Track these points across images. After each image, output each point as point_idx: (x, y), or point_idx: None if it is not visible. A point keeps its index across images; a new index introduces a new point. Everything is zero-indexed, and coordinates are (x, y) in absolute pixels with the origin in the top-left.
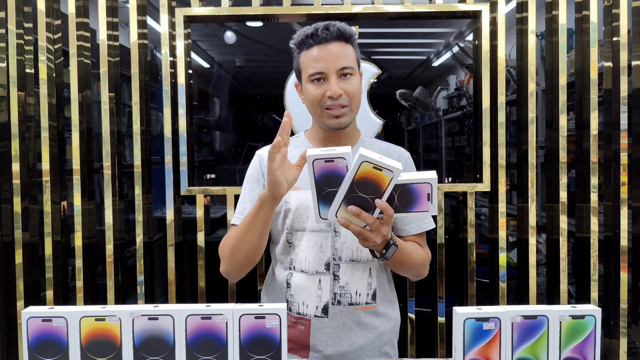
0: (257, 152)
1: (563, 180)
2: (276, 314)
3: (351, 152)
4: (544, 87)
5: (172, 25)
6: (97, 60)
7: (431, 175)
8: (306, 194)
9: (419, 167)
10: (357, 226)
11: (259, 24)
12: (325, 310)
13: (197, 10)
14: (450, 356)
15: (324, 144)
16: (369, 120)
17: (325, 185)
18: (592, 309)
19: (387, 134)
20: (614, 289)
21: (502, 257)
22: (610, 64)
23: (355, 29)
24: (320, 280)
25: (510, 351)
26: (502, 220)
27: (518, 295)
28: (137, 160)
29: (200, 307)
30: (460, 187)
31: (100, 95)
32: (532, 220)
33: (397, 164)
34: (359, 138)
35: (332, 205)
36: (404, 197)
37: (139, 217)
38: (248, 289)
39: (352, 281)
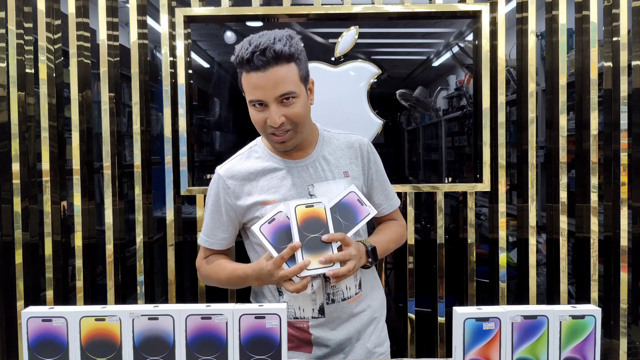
0: (217, 171)
1: (563, 180)
2: (276, 314)
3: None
4: (544, 87)
5: (172, 25)
6: (97, 60)
7: (349, 188)
8: (285, 205)
9: (418, 167)
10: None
11: (259, 24)
12: (321, 310)
13: (197, 10)
14: (450, 356)
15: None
16: (369, 120)
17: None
18: (592, 309)
19: (387, 134)
20: (614, 289)
21: (502, 257)
22: (610, 64)
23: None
24: (312, 284)
25: (510, 351)
26: (502, 220)
27: (518, 295)
28: (137, 160)
29: (200, 307)
30: (460, 187)
31: (100, 95)
32: (532, 220)
33: (321, 198)
34: (318, 136)
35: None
36: (344, 213)
37: (139, 217)
38: (248, 289)
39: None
